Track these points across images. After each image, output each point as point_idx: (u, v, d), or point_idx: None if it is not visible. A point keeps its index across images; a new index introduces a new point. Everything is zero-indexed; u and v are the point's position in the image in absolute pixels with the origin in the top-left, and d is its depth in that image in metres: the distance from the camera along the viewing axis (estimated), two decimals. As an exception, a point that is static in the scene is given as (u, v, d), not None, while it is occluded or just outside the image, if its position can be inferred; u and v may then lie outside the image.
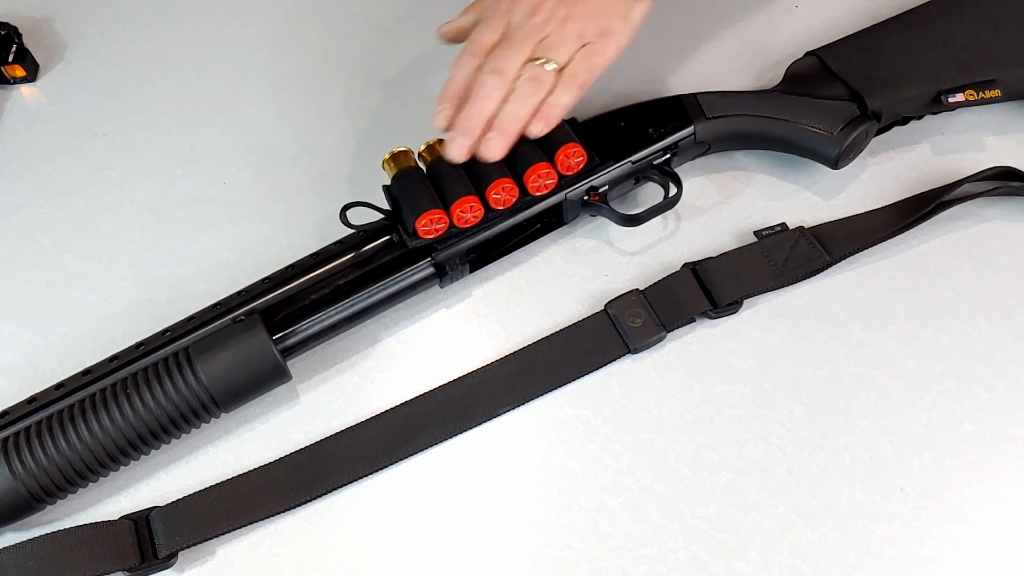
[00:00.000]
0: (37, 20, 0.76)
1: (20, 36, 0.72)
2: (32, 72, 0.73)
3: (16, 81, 0.72)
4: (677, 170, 0.63)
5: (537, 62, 0.55)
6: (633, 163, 0.61)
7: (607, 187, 0.60)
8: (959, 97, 0.63)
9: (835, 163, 0.63)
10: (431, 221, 0.55)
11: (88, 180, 0.68)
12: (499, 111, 0.55)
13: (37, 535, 0.51)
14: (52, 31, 0.76)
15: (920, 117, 0.67)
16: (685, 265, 0.61)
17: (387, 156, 0.58)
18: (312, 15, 0.77)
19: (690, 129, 0.62)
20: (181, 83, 0.73)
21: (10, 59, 0.71)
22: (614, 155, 0.60)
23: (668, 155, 0.62)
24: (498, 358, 0.58)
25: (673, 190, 0.62)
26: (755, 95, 0.65)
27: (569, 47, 0.56)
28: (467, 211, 0.56)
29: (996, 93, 0.63)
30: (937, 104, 0.64)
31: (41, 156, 0.69)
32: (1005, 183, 0.64)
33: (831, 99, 0.64)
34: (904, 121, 0.66)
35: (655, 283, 0.61)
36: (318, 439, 0.56)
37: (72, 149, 0.69)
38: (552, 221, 0.62)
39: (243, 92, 0.72)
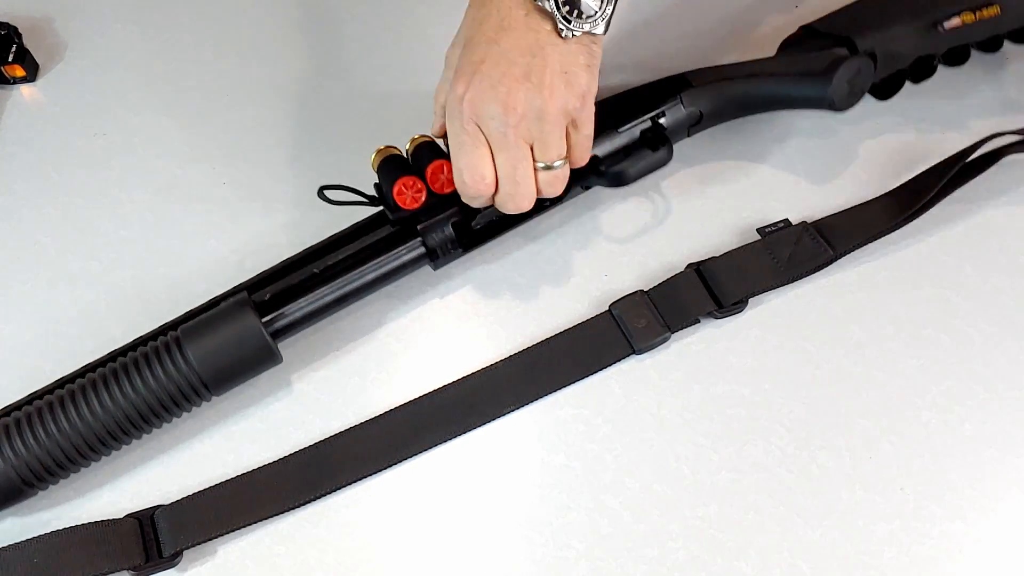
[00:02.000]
0: (37, 20, 0.76)
1: (20, 36, 0.72)
2: (32, 72, 0.72)
3: (16, 81, 0.72)
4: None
5: (544, 167, 0.52)
6: (619, 132, 0.60)
7: (596, 156, 0.59)
8: (956, 21, 0.61)
9: (833, 103, 0.62)
10: (405, 187, 0.55)
11: (88, 180, 0.68)
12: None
13: (41, 533, 0.51)
14: (52, 31, 0.76)
15: (932, 67, 0.65)
16: (689, 265, 0.61)
17: (374, 155, 0.57)
18: (312, 15, 0.77)
19: (676, 98, 0.62)
20: (181, 83, 0.73)
21: (10, 59, 0.71)
22: (600, 127, 0.59)
23: (653, 124, 0.62)
24: (502, 358, 0.58)
25: (662, 151, 0.61)
26: (742, 63, 0.65)
27: (560, 132, 0.51)
28: (442, 173, 0.55)
29: (995, 11, 0.62)
30: (936, 35, 0.62)
31: (41, 156, 0.69)
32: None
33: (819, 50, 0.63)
34: (915, 75, 0.65)
35: (660, 284, 0.60)
36: (322, 438, 0.56)
37: (72, 149, 0.69)
38: (544, 201, 0.61)
39: (243, 92, 0.72)
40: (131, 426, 0.51)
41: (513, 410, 0.57)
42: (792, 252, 0.61)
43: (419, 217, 0.57)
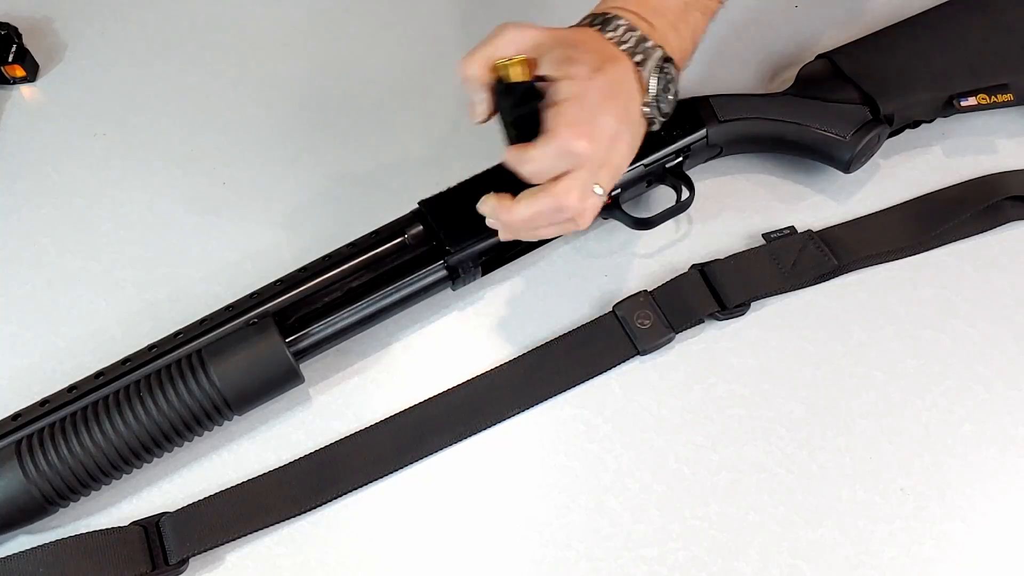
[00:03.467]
0: (37, 20, 0.76)
1: (20, 36, 0.72)
2: (32, 72, 0.72)
3: (16, 81, 0.72)
4: (689, 172, 0.63)
5: (593, 190, 0.50)
6: (646, 166, 0.60)
7: (619, 190, 0.60)
8: (971, 101, 0.63)
9: (847, 167, 0.63)
10: None
11: (88, 180, 0.68)
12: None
13: (47, 541, 0.51)
14: (52, 31, 0.76)
15: (931, 121, 0.66)
16: (693, 266, 0.61)
17: (505, 62, 0.50)
18: (312, 15, 0.77)
19: (702, 132, 0.62)
20: (181, 83, 0.73)
21: (10, 59, 0.71)
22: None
23: (680, 158, 0.62)
24: (507, 361, 0.58)
25: (686, 194, 0.62)
26: (767, 98, 0.65)
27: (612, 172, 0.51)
28: None
29: (1008, 97, 0.63)
30: (949, 108, 0.63)
31: (41, 156, 0.69)
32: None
33: (843, 103, 0.63)
34: (915, 124, 0.66)
35: (664, 284, 0.60)
36: (326, 443, 0.56)
37: (72, 149, 0.69)
38: None
39: (243, 92, 0.72)
40: (154, 445, 0.51)
41: (518, 412, 0.57)
42: (796, 259, 0.61)
43: (448, 248, 0.56)
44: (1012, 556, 0.52)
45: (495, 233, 0.57)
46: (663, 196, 0.64)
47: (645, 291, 0.60)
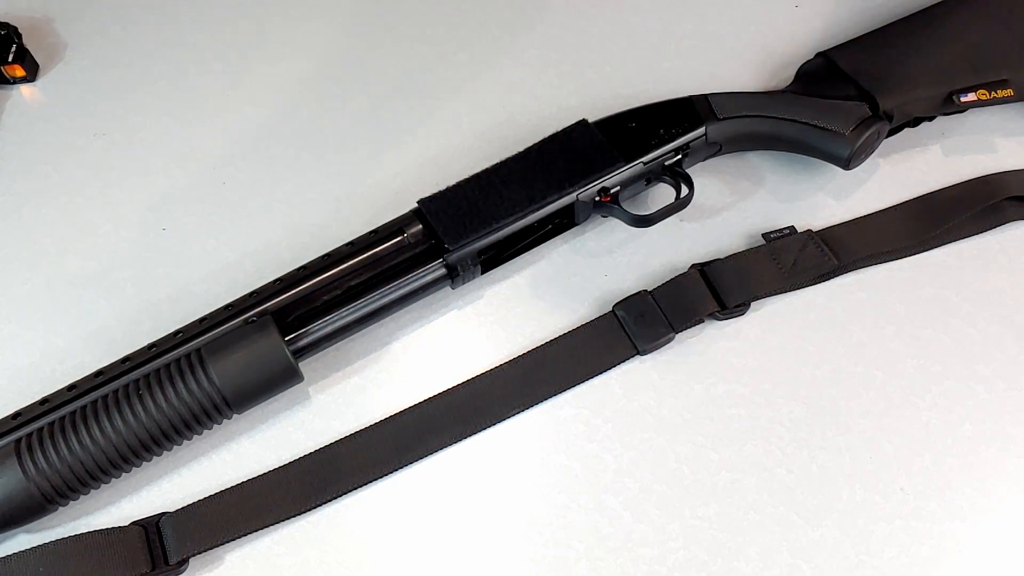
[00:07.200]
0: (37, 20, 0.76)
1: (20, 36, 0.72)
2: (32, 72, 0.72)
3: (16, 81, 0.72)
4: (688, 171, 0.63)
5: None
6: (645, 164, 0.60)
7: (619, 188, 0.60)
8: (971, 97, 0.63)
9: (847, 163, 0.62)
10: None
11: (88, 180, 0.68)
12: None
13: (47, 541, 0.51)
14: (52, 31, 0.76)
15: (932, 118, 0.66)
16: (693, 266, 0.61)
17: None
18: (312, 15, 0.77)
19: (701, 130, 0.62)
20: (181, 83, 0.73)
21: (10, 59, 0.71)
22: (626, 155, 0.60)
23: (679, 156, 0.62)
24: (507, 361, 0.58)
25: (685, 191, 0.62)
26: (766, 96, 0.65)
27: None
28: None
29: (1009, 92, 0.63)
30: (949, 104, 0.63)
31: (41, 156, 0.69)
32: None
33: (843, 99, 0.63)
34: (915, 122, 0.66)
35: (664, 284, 0.60)
36: (327, 443, 0.55)
37: (72, 149, 0.69)
38: (564, 222, 0.62)
39: (243, 92, 0.72)
40: (154, 444, 0.51)
41: (518, 412, 0.57)
42: (796, 259, 0.61)
43: (447, 247, 0.57)
44: (1012, 556, 0.52)
45: (494, 231, 0.57)
46: (662, 194, 0.64)
47: (645, 291, 0.60)
